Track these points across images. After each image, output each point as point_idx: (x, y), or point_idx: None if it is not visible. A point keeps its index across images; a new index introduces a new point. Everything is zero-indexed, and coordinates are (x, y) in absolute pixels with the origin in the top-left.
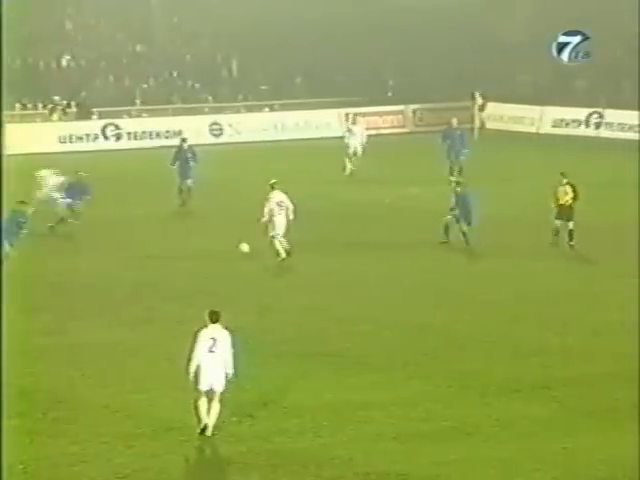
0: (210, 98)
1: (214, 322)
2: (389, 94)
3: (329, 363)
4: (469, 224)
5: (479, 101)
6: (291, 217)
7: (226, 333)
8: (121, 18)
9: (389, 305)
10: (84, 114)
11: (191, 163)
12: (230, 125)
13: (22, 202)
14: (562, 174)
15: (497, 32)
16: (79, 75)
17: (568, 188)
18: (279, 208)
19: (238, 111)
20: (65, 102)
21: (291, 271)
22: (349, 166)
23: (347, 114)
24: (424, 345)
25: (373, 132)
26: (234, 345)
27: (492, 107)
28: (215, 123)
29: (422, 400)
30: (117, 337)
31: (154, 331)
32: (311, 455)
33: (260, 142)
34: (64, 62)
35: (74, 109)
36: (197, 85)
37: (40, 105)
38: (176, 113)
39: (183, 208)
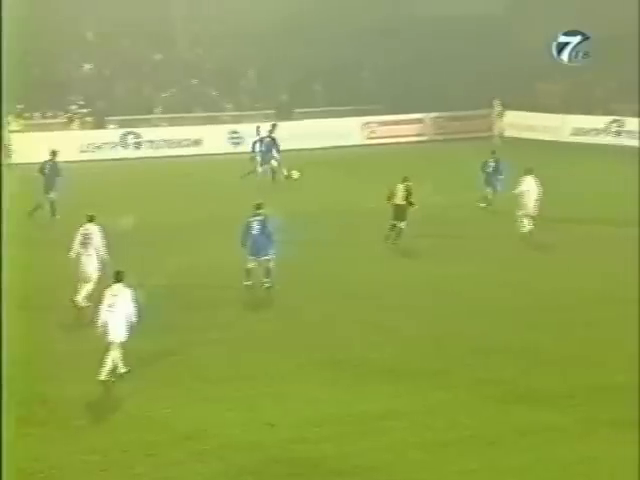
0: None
1: (118, 281)
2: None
3: (352, 371)
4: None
5: (498, 109)
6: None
7: (127, 290)
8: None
9: (414, 313)
10: (103, 123)
11: (56, 177)
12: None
13: None
14: (405, 178)
15: (519, 40)
16: (99, 84)
17: (402, 189)
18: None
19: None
20: (84, 111)
21: (319, 278)
22: None
23: (367, 123)
24: (446, 354)
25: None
26: None
27: (512, 115)
28: (234, 132)
29: (444, 409)
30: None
31: (173, 341)
32: (333, 464)
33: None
34: (84, 71)
35: (92, 118)
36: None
37: (60, 113)
38: (196, 122)
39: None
